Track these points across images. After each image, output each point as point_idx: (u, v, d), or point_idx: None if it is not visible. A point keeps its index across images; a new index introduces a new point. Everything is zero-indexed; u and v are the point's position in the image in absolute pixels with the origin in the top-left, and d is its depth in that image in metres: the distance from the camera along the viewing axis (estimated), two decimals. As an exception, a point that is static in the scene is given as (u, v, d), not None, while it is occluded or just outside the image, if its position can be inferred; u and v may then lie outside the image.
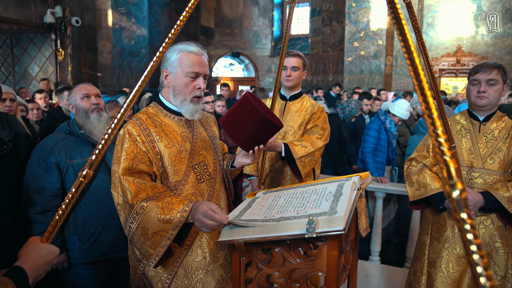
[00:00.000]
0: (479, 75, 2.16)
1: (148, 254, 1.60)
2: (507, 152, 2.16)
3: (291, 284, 1.53)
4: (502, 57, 12.45)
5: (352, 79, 14.12)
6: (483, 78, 2.14)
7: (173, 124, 1.80)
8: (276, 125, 1.84)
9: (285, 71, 2.90)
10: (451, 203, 0.67)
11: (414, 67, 0.83)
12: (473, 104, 2.23)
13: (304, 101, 2.99)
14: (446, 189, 0.70)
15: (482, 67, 2.17)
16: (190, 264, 1.75)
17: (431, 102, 0.81)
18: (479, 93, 2.16)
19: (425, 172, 2.30)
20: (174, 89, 1.77)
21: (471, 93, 2.21)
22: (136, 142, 1.66)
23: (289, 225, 1.34)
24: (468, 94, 2.24)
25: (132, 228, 1.57)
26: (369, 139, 4.68)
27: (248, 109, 1.79)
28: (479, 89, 2.16)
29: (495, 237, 2.17)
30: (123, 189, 1.58)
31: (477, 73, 2.17)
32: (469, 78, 2.24)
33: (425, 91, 0.81)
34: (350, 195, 1.40)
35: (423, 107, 0.81)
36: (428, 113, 0.80)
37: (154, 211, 1.55)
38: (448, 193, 0.70)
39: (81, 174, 1.13)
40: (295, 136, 2.90)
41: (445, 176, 0.71)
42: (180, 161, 1.73)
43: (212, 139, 1.98)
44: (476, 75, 2.18)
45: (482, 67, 2.17)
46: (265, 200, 1.64)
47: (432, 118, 0.78)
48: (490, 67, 2.15)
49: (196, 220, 1.52)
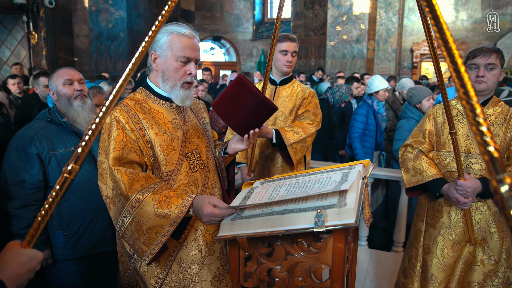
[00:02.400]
0: (478, 59, 2.11)
1: (141, 251, 1.51)
2: (503, 137, 2.14)
3: (293, 278, 1.47)
4: (481, 42, 12.63)
5: (334, 63, 14.09)
6: (482, 63, 2.10)
7: (163, 110, 1.69)
8: (272, 106, 1.75)
9: (285, 56, 2.79)
10: (499, 200, 0.60)
11: (448, 49, 0.75)
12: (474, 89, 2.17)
13: (295, 85, 2.90)
14: (492, 184, 0.63)
15: (481, 51, 2.11)
16: (185, 258, 1.67)
17: (469, 87, 0.73)
18: (478, 78, 2.12)
19: (421, 159, 2.27)
20: (163, 73, 1.65)
21: (469, 78, 2.15)
22: (125, 130, 1.54)
23: (294, 218, 1.27)
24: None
25: (126, 222, 1.47)
26: (357, 124, 4.65)
27: (243, 91, 1.70)
28: (478, 73, 2.11)
29: (491, 223, 2.16)
30: (115, 180, 1.47)
31: (475, 57, 2.12)
32: (467, 63, 2.18)
33: (462, 74, 0.73)
34: (358, 185, 1.34)
35: (461, 93, 0.74)
36: (466, 99, 0.73)
37: (151, 205, 1.45)
38: (495, 189, 0.63)
39: (66, 170, 1.01)
40: (286, 122, 2.82)
41: (490, 169, 0.64)
42: (172, 149, 1.63)
43: (203, 126, 1.88)
44: (474, 59, 2.12)
45: (481, 51, 2.12)
46: (264, 190, 1.57)
47: (471, 104, 0.71)
48: (489, 51, 2.10)
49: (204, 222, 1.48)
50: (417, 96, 4.05)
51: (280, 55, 2.80)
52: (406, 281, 2.41)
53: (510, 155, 2.14)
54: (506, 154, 2.15)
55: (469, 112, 0.69)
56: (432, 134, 2.31)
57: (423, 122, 2.37)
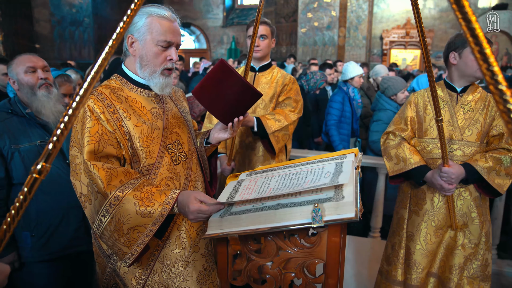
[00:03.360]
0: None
1: (121, 253, 1.39)
2: (483, 123, 2.15)
3: (285, 274, 1.41)
4: (447, 30, 13.00)
5: (305, 50, 14.09)
6: None
7: (141, 99, 1.56)
8: (257, 92, 1.66)
9: None
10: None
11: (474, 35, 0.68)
12: (473, 76, 2.11)
13: (274, 72, 2.81)
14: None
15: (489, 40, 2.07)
16: (169, 257, 1.56)
17: (497, 71, 0.67)
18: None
19: (404, 146, 2.25)
20: (142, 59, 1.51)
21: (473, 64, 2.07)
22: (100, 121, 1.41)
23: (289, 213, 1.19)
24: (469, 65, 2.10)
25: (104, 222, 1.35)
26: (333, 111, 4.64)
27: (227, 76, 1.59)
28: None
29: (472, 208, 2.19)
30: (91, 176, 1.34)
31: None
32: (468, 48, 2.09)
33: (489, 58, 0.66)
34: (353, 176, 1.28)
35: (488, 77, 0.67)
36: (493, 83, 0.67)
37: (132, 203, 1.33)
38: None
39: (34, 169, 0.88)
40: (266, 109, 2.74)
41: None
42: (152, 141, 1.51)
43: (184, 115, 1.77)
44: None
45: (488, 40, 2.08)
46: (253, 183, 1.48)
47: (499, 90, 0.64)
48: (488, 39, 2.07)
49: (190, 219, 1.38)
50: (393, 89, 4.06)
51: (248, 40, 2.71)
52: (389, 268, 2.42)
53: (490, 140, 2.16)
54: (485, 139, 2.17)
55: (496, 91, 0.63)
56: (414, 121, 2.30)
57: (404, 109, 2.35)
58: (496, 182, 2.07)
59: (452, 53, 2.18)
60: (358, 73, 4.72)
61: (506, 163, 2.07)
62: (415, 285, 2.33)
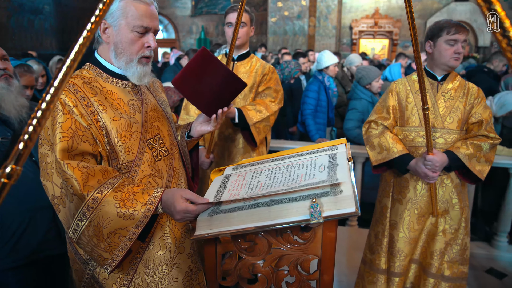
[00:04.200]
0: (459, 35, 2.06)
1: (101, 259, 1.28)
2: (463, 110, 2.17)
3: (278, 272, 1.35)
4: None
5: (276, 40, 14.01)
6: (461, 39, 2.07)
7: (117, 90, 1.43)
8: (242, 82, 1.58)
9: (230, 29, 2.60)
10: None
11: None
12: (446, 64, 2.13)
13: (253, 61, 2.73)
14: None
15: (461, 27, 2.08)
16: (152, 259, 1.46)
17: None
18: (457, 54, 2.09)
19: (387, 135, 2.24)
20: (117, 46, 1.38)
21: (446, 53, 2.09)
22: (73, 115, 1.28)
23: (285, 209, 1.12)
24: (443, 54, 2.12)
25: (81, 227, 1.23)
26: (309, 100, 4.61)
27: (210, 65, 1.50)
28: (458, 49, 2.08)
29: (453, 194, 2.22)
30: (65, 177, 1.21)
31: (457, 33, 2.07)
32: (443, 37, 2.09)
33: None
34: (349, 169, 1.23)
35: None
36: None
37: (112, 204, 1.22)
38: None
39: (3, 173, 0.76)
40: (246, 100, 2.65)
41: None
42: (131, 136, 1.39)
43: (163, 108, 1.65)
44: (456, 35, 2.06)
45: (460, 27, 2.08)
46: (241, 178, 1.40)
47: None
48: (463, 27, 2.09)
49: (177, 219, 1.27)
50: (367, 78, 4.08)
51: (226, 27, 2.62)
52: (373, 257, 2.43)
53: (469, 127, 2.19)
54: (465, 126, 2.20)
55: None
56: (396, 109, 2.29)
57: (386, 97, 2.34)
58: (477, 168, 2.10)
59: (428, 42, 2.19)
60: (333, 62, 4.70)
61: (485, 149, 2.10)
62: (398, 272, 2.35)
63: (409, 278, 2.43)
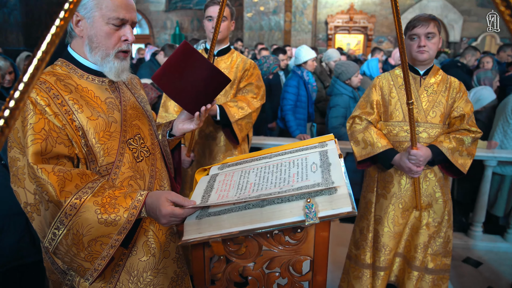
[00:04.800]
0: (418, 29, 2.09)
1: (82, 269, 1.19)
2: (446, 104, 2.18)
3: (269, 274, 1.30)
4: (387, 16, 13.51)
5: (252, 35, 13.93)
6: (422, 32, 2.08)
7: (93, 88, 1.34)
8: (226, 77, 1.51)
9: (210, 23, 2.52)
10: None
11: None
12: (414, 59, 2.17)
13: (234, 56, 2.66)
14: None
15: (419, 21, 2.10)
16: (136, 266, 1.39)
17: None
18: (420, 48, 2.11)
19: (371, 130, 2.23)
20: (91, 40, 1.29)
21: (411, 48, 2.15)
22: (46, 115, 1.18)
23: (278, 210, 1.07)
24: (408, 50, 2.17)
25: (58, 236, 1.14)
26: (289, 96, 4.58)
27: (193, 59, 1.42)
28: (419, 43, 2.10)
29: (437, 188, 2.23)
30: (39, 183, 1.11)
31: (415, 27, 2.10)
32: (407, 34, 2.16)
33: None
34: (341, 166, 1.19)
35: None
36: None
37: (92, 211, 1.13)
38: None
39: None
40: (227, 96, 2.58)
41: None
42: (110, 136, 1.30)
43: (143, 105, 1.57)
44: (414, 29, 2.10)
45: (419, 21, 2.10)
46: (228, 178, 1.34)
47: None
48: (427, 20, 2.09)
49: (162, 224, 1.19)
50: (347, 73, 4.08)
51: (206, 21, 2.53)
52: (358, 252, 2.42)
53: (451, 121, 2.21)
54: (447, 121, 2.21)
55: None
56: (380, 104, 2.28)
57: (369, 92, 2.33)
58: (459, 162, 2.12)
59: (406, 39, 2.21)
60: (311, 57, 4.69)
61: (467, 143, 2.12)
62: (384, 266, 2.36)
63: (394, 271, 2.44)
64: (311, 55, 4.69)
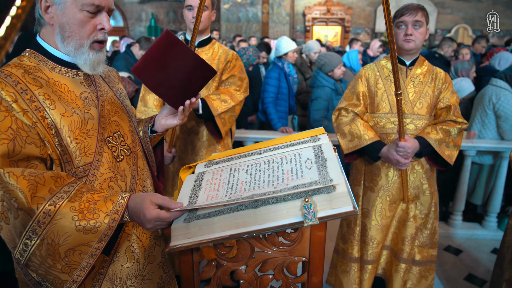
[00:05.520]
0: (406, 17, 2.06)
1: (59, 282, 1.09)
2: (432, 95, 2.16)
3: (262, 277, 1.24)
4: (364, 8, 13.59)
5: (229, 27, 13.75)
6: (409, 20, 2.05)
7: (66, 81, 1.22)
8: (211, 68, 1.42)
9: (190, 12, 2.40)
10: None
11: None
12: (400, 48, 2.14)
13: (215, 47, 2.55)
14: None
15: (408, 9, 2.07)
16: (119, 273, 1.29)
17: None
18: (406, 37, 2.07)
19: (357, 122, 2.19)
20: (63, 28, 1.16)
21: (397, 37, 2.11)
22: (13, 112, 1.06)
23: (273, 211, 1.00)
24: (396, 38, 2.13)
25: (31, 247, 1.03)
26: (270, 88, 4.50)
27: (176, 50, 1.32)
28: (406, 31, 2.07)
29: (424, 180, 2.22)
30: (7, 189, 0.99)
31: (403, 15, 2.07)
32: (394, 22, 2.12)
33: None
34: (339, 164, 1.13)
35: None
36: None
37: (69, 217, 1.03)
38: None
39: None
40: (209, 89, 2.48)
41: None
42: (87, 134, 1.19)
43: (122, 100, 1.46)
44: (402, 17, 2.07)
45: (407, 9, 2.07)
46: (217, 176, 1.26)
47: None
48: (415, 9, 2.06)
49: (148, 229, 1.10)
50: (329, 65, 4.03)
51: (186, 11, 2.42)
52: (345, 246, 2.40)
53: (437, 113, 2.19)
54: (433, 112, 2.20)
55: None
56: (366, 95, 2.24)
57: (355, 83, 2.28)
58: (446, 153, 2.11)
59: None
60: (292, 48, 4.62)
61: (454, 134, 2.11)
62: (371, 260, 2.34)
63: (381, 264, 2.43)
64: (291, 46, 4.62)
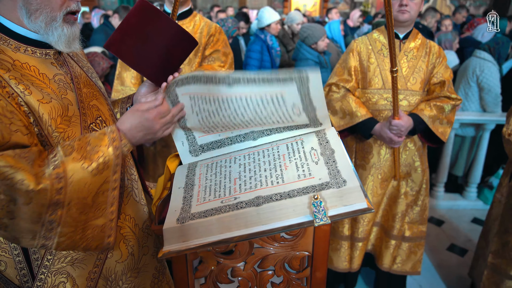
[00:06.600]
0: None
1: (97, 232, 1.01)
2: (426, 70, 2.08)
3: (262, 273, 1.16)
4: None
5: (205, -4, 13.22)
6: None
7: (35, 63, 1.04)
8: (193, 39, 1.26)
9: None
10: None
11: None
12: (395, 19, 2.02)
13: (197, 20, 2.37)
14: None
15: None
16: (113, 269, 1.18)
17: None
18: (401, 7, 1.96)
19: (349, 98, 2.10)
20: (28, 1, 0.98)
21: (392, 8, 1.99)
22: None
23: (278, 209, 0.90)
24: (383, 8, 2.01)
25: (55, 220, 0.91)
26: (252, 61, 4.34)
27: (154, 19, 1.15)
28: (401, 2, 1.95)
29: (416, 157, 2.18)
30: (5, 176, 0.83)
31: None
32: None
33: None
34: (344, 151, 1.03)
35: None
36: None
37: (79, 167, 0.92)
38: None
39: None
40: (191, 65, 2.32)
41: None
42: (69, 122, 1.04)
43: (95, 81, 1.29)
44: None
45: None
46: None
47: None
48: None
49: (158, 135, 1.17)
50: (313, 37, 3.87)
51: None
52: (336, 225, 2.36)
53: (431, 88, 2.12)
54: (426, 87, 2.12)
55: None
56: (358, 70, 2.14)
57: (347, 58, 2.17)
58: (440, 130, 2.06)
59: None
60: (275, 19, 4.44)
61: (447, 110, 2.06)
62: (362, 237, 2.32)
63: (371, 240, 2.43)
64: (274, 17, 4.43)
